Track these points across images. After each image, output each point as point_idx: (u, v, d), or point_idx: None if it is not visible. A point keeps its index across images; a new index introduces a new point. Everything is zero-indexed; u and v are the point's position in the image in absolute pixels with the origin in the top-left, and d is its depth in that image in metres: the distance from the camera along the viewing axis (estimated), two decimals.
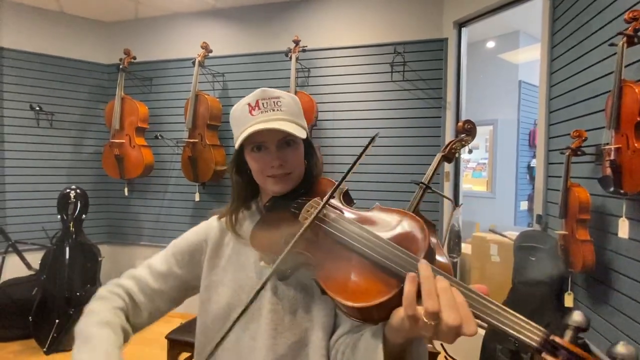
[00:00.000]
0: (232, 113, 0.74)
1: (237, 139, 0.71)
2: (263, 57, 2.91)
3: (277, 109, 0.71)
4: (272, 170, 0.71)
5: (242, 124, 0.71)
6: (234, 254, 0.76)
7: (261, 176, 0.74)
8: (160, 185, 3.18)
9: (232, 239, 0.77)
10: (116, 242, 3.33)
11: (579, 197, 1.46)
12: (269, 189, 0.75)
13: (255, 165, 0.73)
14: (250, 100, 0.71)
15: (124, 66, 2.94)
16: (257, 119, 0.70)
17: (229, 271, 0.75)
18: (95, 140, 3.25)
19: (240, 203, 0.79)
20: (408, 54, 2.57)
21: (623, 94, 1.19)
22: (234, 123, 0.74)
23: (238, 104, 0.74)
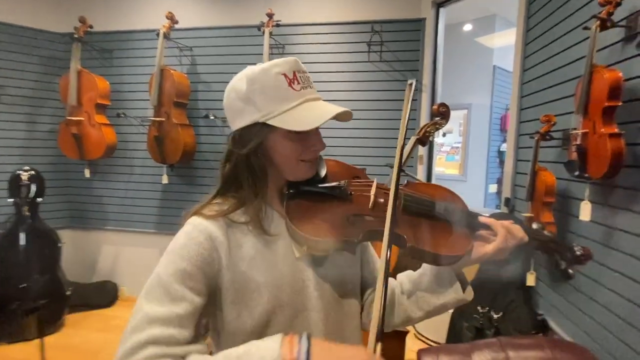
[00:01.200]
0: (258, 80, 0.61)
1: (275, 114, 0.61)
2: (234, 30, 2.75)
3: (311, 86, 0.65)
4: (311, 154, 0.65)
5: (283, 98, 0.61)
6: (257, 254, 0.64)
7: (294, 161, 0.65)
8: (125, 167, 3.00)
9: (248, 238, 0.64)
10: (79, 227, 3.15)
11: (546, 181, 1.50)
12: (297, 175, 0.67)
13: (292, 149, 0.64)
14: (284, 70, 0.62)
15: (79, 36, 2.69)
16: (305, 94, 0.63)
17: (257, 275, 0.63)
18: (51, 118, 2.99)
19: (262, 192, 0.66)
20: (385, 33, 2.50)
21: (593, 79, 1.19)
22: (262, 93, 0.61)
23: (262, 70, 0.62)
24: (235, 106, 0.64)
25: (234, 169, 0.66)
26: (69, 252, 2.98)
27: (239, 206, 0.65)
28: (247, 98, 0.62)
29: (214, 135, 2.81)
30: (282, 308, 0.63)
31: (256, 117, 0.62)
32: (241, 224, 0.64)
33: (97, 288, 3.04)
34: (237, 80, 0.64)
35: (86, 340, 2.53)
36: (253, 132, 0.63)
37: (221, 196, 0.68)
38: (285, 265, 0.65)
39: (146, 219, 3.00)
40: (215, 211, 0.64)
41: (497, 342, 1.40)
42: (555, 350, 1.32)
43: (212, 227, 0.62)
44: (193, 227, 0.62)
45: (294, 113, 0.61)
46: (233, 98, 0.64)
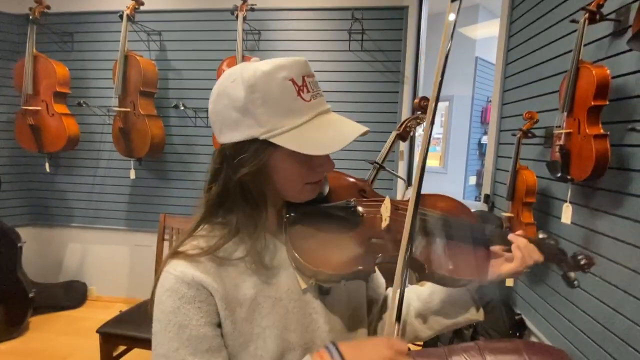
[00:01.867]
0: (260, 87, 0.49)
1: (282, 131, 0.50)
2: (206, 14, 2.56)
3: (321, 94, 0.55)
4: (317, 176, 0.56)
5: (291, 111, 0.50)
6: (258, 293, 0.54)
7: (298, 184, 0.55)
8: (89, 160, 2.80)
9: (245, 276, 0.54)
10: (41, 224, 2.94)
11: (527, 180, 1.46)
12: (299, 198, 0.57)
13: (298, 172, 0.54)
14: (292, 74, 0.50)
15: (35, 17, 2.44)
16: (317, 107, 0.53)
17: (260, 319, 0.54)
18: (6, 107, 2.74)
19: (261, 220, 0.55)
20: (367, 21, 2.38)
21: (579, 75, 1.13)
22: (265, 104, 0.50)
23: (264, 74, 0.50)
24: (228, 116, 0.52)
25: (224, 192, 0.54)
26: (32, 252, 2.79)
27: (230, 237, 0.54)
28: (245, 109, 0.50)
29: (185, 126, 2.64)
30: (293, 351, 0.55)
31: (257, 132, 0.50)
32: (234, 260, 0.54)
33: (64, 288, 2.88)
34: (231, 83, 0.51)
35: (52, 345, 2.39)
36: (251, 150, 0.51)
37: (207, 223, 0.57)
38: (290, 300, 0.56)
39: (114, 215, 2.83)
40: (200, 248, 0.52)
41: (475, 346, 1.37)
42: (532, 354, 1.30)
43: (199, 275, 0.51)
44: (176, 279, 0.51)
45: (305, 131, 0.51)
46: (225, 105, 0.52)
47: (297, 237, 0.56)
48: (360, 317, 0.66)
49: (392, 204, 0.60)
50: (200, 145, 2.64)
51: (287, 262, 0.57)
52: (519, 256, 0.59)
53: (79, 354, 2.29)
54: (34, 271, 2.69)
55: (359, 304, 0.66)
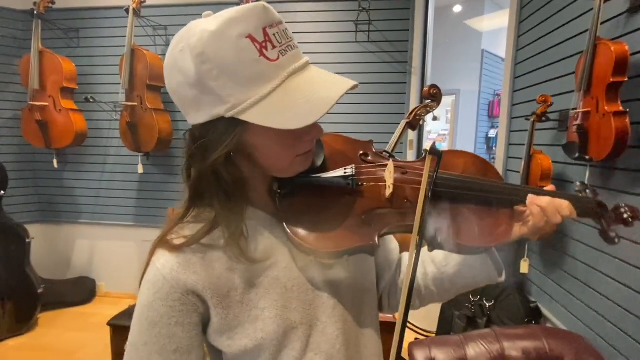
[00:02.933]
0: (211, 54, 0.41)
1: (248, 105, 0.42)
2: (211, 7, 2.53)
3: (293, 45, 0.45)
4: (306, 145, 0.48)
5: (255, 78, 0.42)
6: (253, 274, 0.50)
7: (286, 158, 0.48)
8: (97, 156, 2.80)
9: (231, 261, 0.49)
10: (49, 221, 2.95)
11: (542, 164, 1.43)
12: (290, 173, 0.50)
13: (281, 147, 0.46)
14: (248, 29, 0.41)
15: (40, 12, 2.45)
16: (287, 65, 0.43)
17: (257, 300, 0.50)
18: (12, 103, 2.75)
19: (240, 208, 0.50)
20: (373, 11, 2.36)
21: (597, 53, 1.11)
22: (221, 75, 0.41)
23: (212, 35, 0.40)
24: (185, 94, 0.44)
25: (199, 179, 0.48)
26: (41, 248, 2.80)
27: (213, 225, 0.49)
28: (200, 84, 0.42)
29: None
30: (295, 330, 0.51)
31: (220, 110, 0.43)
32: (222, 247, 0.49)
33: (72, 285, 2.88)
34: (179, 53, 0.43)
35: (62, 340, 2.39)
36: (219, 130, 0.44)
37: (195, 207, 0.51)
38: (289, 279, 0.52)
39: (122, 211, 2.83)
40: (184, 237, 0.48)
41: (492, 333, 1.35)
42: (551, 339, 1.28)
43: (178, 269, 0.47)
44: (156, 272, 0.47)
45: (276, 99, 0.42)
46: (179, 83, 0.44)
47: (291, 215, 0.50)
48: (367, 285, 0.61)
49: (397, 168, 0.53)
50: None
51: (284, 239, 0.52)
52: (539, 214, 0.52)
53: (88, 350, 2.29)
54: (42, 268, 2.70)
55: (365, 272, 0.60)
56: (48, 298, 2.61)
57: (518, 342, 1.30)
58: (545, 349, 1.26)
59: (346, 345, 0.55)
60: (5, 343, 2.32)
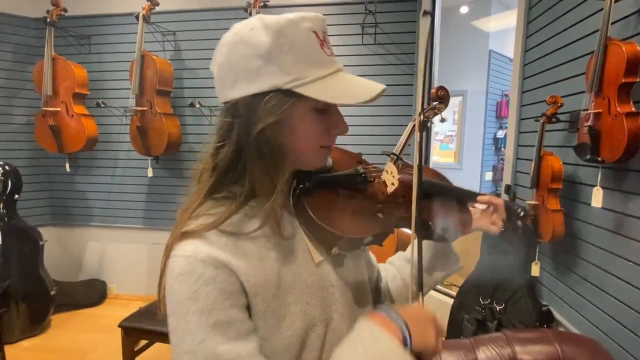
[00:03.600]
0: (287, 33, 0.46)
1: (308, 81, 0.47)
2: (219, 13, 2.59)
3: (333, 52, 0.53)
4: (332, 138, 0.53)
5: (316, 62, 0.48)
6: (281, 267, 0.50)
7: (314, 146, 0.51)
8: (107, 160, 2.85)
9: (265, 251, 0.49)
10: (62, 224, 3.01)
11: (552, 166, 1.42)
12: (312, 164, 0.53)
13: (316, 130, 0.50)
14: (315, 27, 0.48)
15: (53, 20, 2.51)
16: (335, 63, 0.51)
17: (285, 293, 0.50)
18: (26, 109, 2.81)
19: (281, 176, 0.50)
20: (380, 14, 2.37)
21: (608, 53, 1.10)
22: (291, 51, 0.46)
23: (289, 21, 0.47)
24: (246, 65, 0.47)
25: (237, 152, 0.49)
26: (53, 250, 2.85)
27: (241, 205, 0.49)
28: (269, 55, 0.45)
29: (201, 125, 2.67)
30: (315, 327, 0.52)
31: (280, 81, 0.46)
32: (251, 234, 0.48)
33: (84, 287, 2.93)
34: (249, 31, 0.47)
35: (74, 341, 2.43)
36: (272, 101, 0.46)
37: (209, 198, 0.51)
38: (309, 274, 0.52)
39: (132, 214, 2.87)
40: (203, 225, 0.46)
41: (503, 337, 1.33)
42: (563, 343, 1.26)
43: (215, 251, 0.45)
44: (188, 260, 0.45)
45: (330, 82, 0.48)
46: (244, 54, 0.47)
47: (314, 206, 0.53)
48: (366, 290, 0.66)
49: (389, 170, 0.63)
50: None
51: (300, 235, 0.54)
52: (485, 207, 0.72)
53: (100, 351, 2.32)
54: (54, 270, 2.75)
55: (363, 277, 0.66)
56: (60, 300, 2.66)
57: (530, 346, 1.28)
58: (557, 353, 1.24)
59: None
60: (19, 344, 2.37)
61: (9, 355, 2.21)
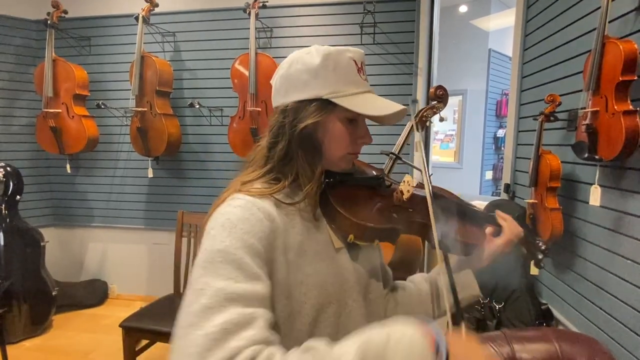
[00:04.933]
0: (333, 58, 0.60)
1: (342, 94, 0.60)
2: (218, 13, 2.59)
3: (367, 78, 0.65)
4: (358, 147, 0.65)
5: (352, 82, 0.61)
6: (304, 240, 0.59)
7: (342, 151, 0.63)
8: (108, 161, 2.86)
9: (296, 222, 0.59)
10: (63, 225, 3.02)
11: (550, 165, 1.42)
12: (339, 165, 0.65)
13: (345, 137, 0.62)
14: (355, 57, 0.62)
15: (53, 22, 2.52)
16: (367, 86, 0.64)
17: (305, 265, 0.58)
18: (27, 111, 2.83)
19: (318, 169, 0.62)
20: (378, 14, 2.37)
21: (605, 51, 1.10)
22: (334, 70, 0.60)
23: (336, 50, 0.61)
24: (299, 77, 0.61)
25: (287, 146, 0.61)
26: (55, 251, 2.86)
27: (289, 183, 0.61)
28: (316, 72, 0.60)
29: (200, 125, 2.68)
30: (330, 304, 0.60)
31: (322, 92, 0.60)
32: (288, 205, 0.60)
33: (85, 287, 2.94)
34: (306, 54, 0.62)
35: (75, 341, 2.44)
36: (312, 108, 0.60)
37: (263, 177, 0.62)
38: (327, 257, 0.61)
39: (133, 215, 2.88)
40: (264, 190, 0.59)
41: (501, 335, 1.33)
42: (562, 342, 1.26)
43: (267, 206, 0.56)
44: (247, 201, 0.55)
45: (361, 98, 0.61)
46: (298, 70, 0.61)
47: (337, 197, 0.63)
48: (377, 283, 0.71)
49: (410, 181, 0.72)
50: (215, 143, 2.67)
51: (323, 223, 0.63)
52: (505, 226, 0.73)
53: (101, 350, 2.33)
54: (56, 270, 2.76)
55: (376, 271, 0.72)
56: (62, 300, 2.67)
57: (529, 344, 1.28)
58: (557, 351, 1.24)
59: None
60: (21, 344, 2.38)
61: (11, 355, 2.22)
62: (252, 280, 0.47)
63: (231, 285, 0.44)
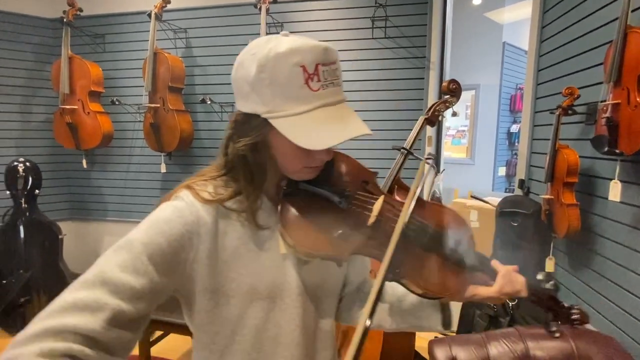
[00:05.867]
0: (269, 68, 0.51)
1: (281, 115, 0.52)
2: (229, 9, 2.60)
3: (335, 83, 0.54)
4: (315, 162, 0.58)
5: (294, 98, 0.51)
6: (241, 244, 0.59)
7: (296, 166, 0.58)
8: (122, 156, 2.92)
9: (235, 227, 0.59)
10: (80, 218, 3.10)
11: (568, 159, 1.38)
12: (297, 177, 0.60)
13: (295, 155, 0.56)
14: (304, 61, 0.51)
15: (69, 20, 2.56)
16: (323, 97, 0.52)
17: (238, 264, 0.59)
18: (45, 107, 2.90)
19: (260, 188, 0.60)
20: (390, 7, 2.34)
21: (627, 41, 1.06)
22: (270, 85, 0.51)
23: (277, 56, 0.51)
24: (241, 86, 0.55)
25: (233, 155, 0.59)
26: (71, 244, 2.94)
27: (235, 194, 0.59)
28: (253, 85, 0.53)
29: (212, 121, 2.70)
30: (261, 300, 0.61)
31: (260, 109, 0.53)
32: (232, 212, 0.59)
33: None
34: (249, 56, 0.53)
35: None
36: (254, 124, 0.55)
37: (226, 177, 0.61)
38: (268, 258, 0.61)
39: (146, 209, 2.88)
40: (210, 195, 0.58)
41: (515, 332, 1.32)
42: (578, 340, 1.24)
43: (202, 211, 0.57)
44: (185, 204, 0.56)
45: (303, 120, 0.52)
46: (241, 76, 0.55)
47: (286, 211, 0.59)
48: (331, 290, 0.69)
49: (386, 203, 0.61)
50: None
51: (275, 226, 0.61)
52: (500, 283, 0.60)
53: None
54: (73, 263, 2.83)
55: (333, 277, 0.69)
56: None
57: (543, 342, 1.26)
58: (572, 349, 1.22)
59: (303, 332, 0.63)
60: None
61: None
62: (136, 275, 0.50)
63: (114, 272, 0.49)
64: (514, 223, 1.78)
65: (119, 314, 0.47)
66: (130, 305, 0.49)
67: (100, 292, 0.47)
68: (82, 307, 0.46)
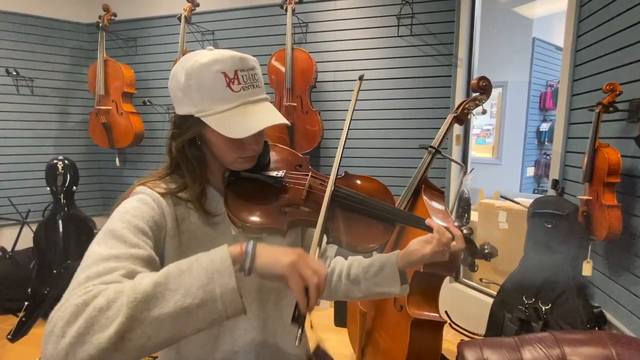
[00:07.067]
0: (195, 76, 0.62)
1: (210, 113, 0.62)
2: (256, 11, 2.65)
3: (256, 85, 0.65)
4: (248, 152, 0.68)
5: (219, 98, 0.62)
6: (197, 229, 0.68)
7: (231, 156, 0.67)
8: (152, 155, 3.03)
9: (191, 213, 0.68)
10: None
11: (609, 159, 1.32)
12: (235, 167, 0.70)
13: (228, 148, 0.66)
14: (224, 68, 0.62)
15: (104, 24, 2.69)
16: (244, 97, 0.63)
17: (196, 247, 0.64)
18: (81, 108, 3.05)
19: (204, 179, 0.70)
20: (416, 4, 2.31)
21: None
22: (198, 90, 0.62)
23: (201, 66, 0.61)
24: (176, 94, 0.65)
25: (176, 153, 0.68)
26: None
27: (185, 187, 0.68)
28: (184, 90, 0.63)
29: None
30: None
31: (192, 110, 0.63)
32: (185, 201, 0.68)
33: None
34: (179, 68, 0.64)
35: None
36: (189, 123, 0.65)
37: (173, 174, 0.70)
38: (223, 240, 0.65)
39: None
40: (163, 189, 0.66)
41: (550, 337, 1.27)
42: (619, 346, 1.18)
43: (162, 199, 0.65)
44: (145, 195, 0.64)
45: (228, 116, 0.62)
46: (174, 85, 0.65)
47: (230, 195, 0.69)
48: None
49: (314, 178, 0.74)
50: None
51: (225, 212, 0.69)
52: (435, 236, 0.73)
53: None
54: None
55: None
56: None
57: (581, 347, 1.22)
58: (612, 356, 1.17)
59: (260, 304, 0.71)
60: None
61: None
62: (130, 247, 0.55)
63: (109, 251, 0.54)
64: (547, 225, 1.71)
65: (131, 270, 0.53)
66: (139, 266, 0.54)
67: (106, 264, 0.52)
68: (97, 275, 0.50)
